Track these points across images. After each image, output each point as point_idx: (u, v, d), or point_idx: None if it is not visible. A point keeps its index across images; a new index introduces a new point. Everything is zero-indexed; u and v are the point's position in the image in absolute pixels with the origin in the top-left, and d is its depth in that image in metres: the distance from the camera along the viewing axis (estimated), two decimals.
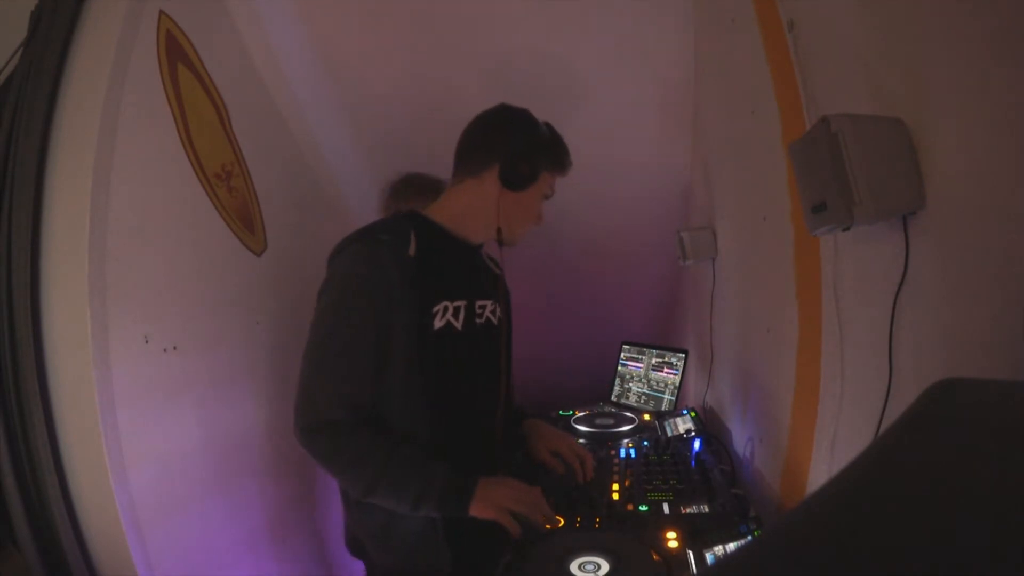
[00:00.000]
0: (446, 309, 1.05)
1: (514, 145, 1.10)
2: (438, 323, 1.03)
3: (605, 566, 0.96)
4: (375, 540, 1.06)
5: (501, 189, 1.10)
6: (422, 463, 0.98)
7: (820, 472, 1.02)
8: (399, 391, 1.00)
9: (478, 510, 0.96)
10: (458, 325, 1.06)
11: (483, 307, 1.14)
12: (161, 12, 1.42)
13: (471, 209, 1.13)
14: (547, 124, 1.16)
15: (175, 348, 1.39)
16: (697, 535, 1.05)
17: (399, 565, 1.04)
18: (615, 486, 1.30)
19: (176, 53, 1.47)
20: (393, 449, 0.98)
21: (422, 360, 1.01)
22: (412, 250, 1.02)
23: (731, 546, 1.00)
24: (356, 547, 1.11)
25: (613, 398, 2.19)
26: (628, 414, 1.86)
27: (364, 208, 2.31)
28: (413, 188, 1.67)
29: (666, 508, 1.19)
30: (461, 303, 1.08)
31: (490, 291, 1.18)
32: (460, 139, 1.15)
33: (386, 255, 1.00)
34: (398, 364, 0.99)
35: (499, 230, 1.13)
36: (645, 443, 1.58)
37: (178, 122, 1.45)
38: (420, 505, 0.95)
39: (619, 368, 2.23)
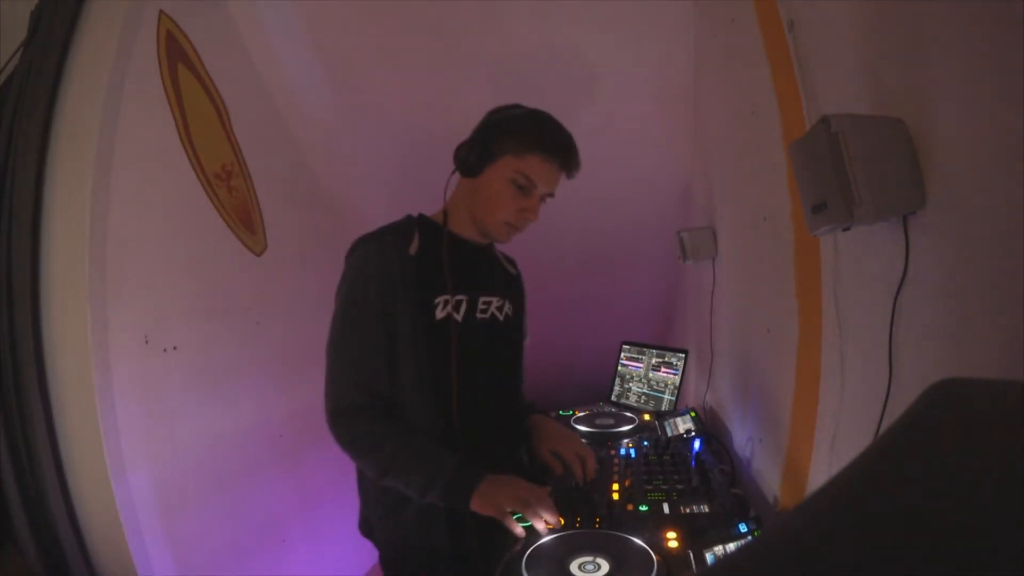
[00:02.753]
0: (446, 302, 1.09)
1: (476, 132, 1.12)
2: (439, 314, 1.09)
3: (605, 566, 0.96)
4: (381, 520, 1.13)
5: (461, 178, 1.13)
6: (433, 455, 1.03)
7: (820, 472, 1.01)
8: (409, 379, 1.06)
9: (478, 506, 0.99)
10: (459, 317, 1.11)
11: (488, 303, 1.17)
12: (161, 12, 1.42)
13: (454, 206, 1.17)
14: (535, 110, 1.13)
15: (175, 348, 1.39)
16: (697, 535, 1.04)
17: (402, 541, 1.11)
18: (615, 486, 1.30)
19: (176, 53, 1.47)
20: (407, 439, 1.04)
21: (428, 349, 1.07)
22: (414, 249, 1.09)
23: (731, 546, 1.00)
24: (366, 528, 1.18)
25: (613, 398, 2.19)
26: (628, 414, 1.86)
27: (364, 208, 2.31)
28: None
29: (666, 508, 1.18)
30: (462, 297, 1.12)
31: (499, 288, 1.21)
32: None
33: (390, 253, 1.07)
34: (406, 353, 1.06)
35: (446, 214, 1.16)
36: (645, 443, 1.57)
37: (178, 122, 1.46)
38: (427, 494, 1.00)
39: (619, 368, 2.23)
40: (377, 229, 1.15)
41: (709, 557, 0.98)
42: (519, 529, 0.99)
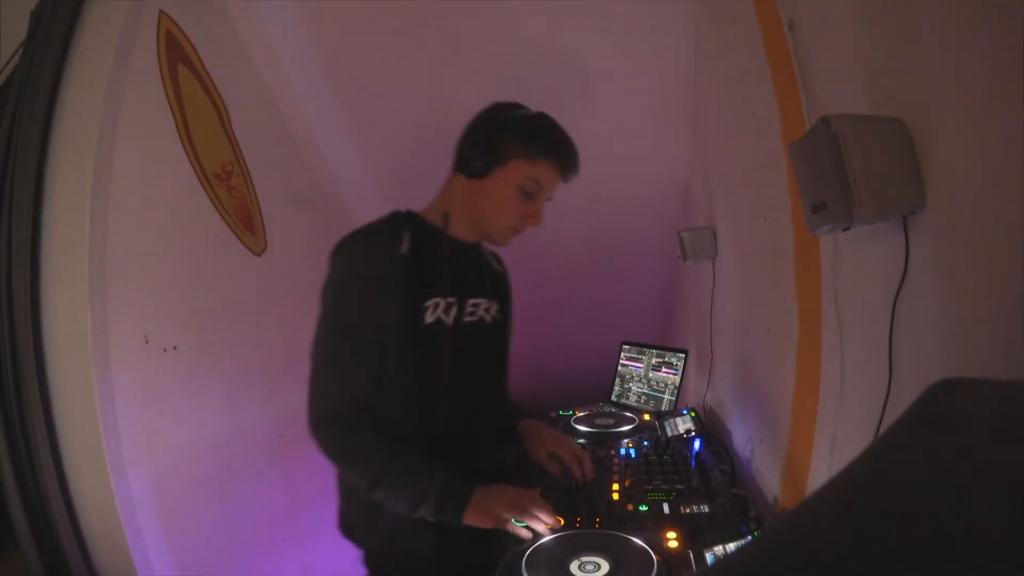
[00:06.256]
0: (437, 305, 1.06)
1: (478, 130, 1.08)
2: (429, 318, 1.05)
3: (605, 566, 0.96)
4: (363, 524, 1.09)
5: (463, 179, 1.08)
6: (422, 470, 1.00)
7: (820, 472, 1.02)
8: (393, 384, 1.02)
9: (473, 519, 0.98)
10: (448, 321, 1.07)
11: (476, 305, 1.14)
12: (161, 12, 1.42)
13: (450, 205, 1.12)
14: (540, 113, 1.10)
15: (175, 348, 1.39)
16: (697, 535, 1.04)
17: (385, 546, 1.08)
18: (615, 486, 1.30)
19: (176, 53, 1.47)
20: (395, 453, 1.00)
21: (415, 355, 1.03)
22: (405, 249, 1.04)
23: (731, 546, 1.00)
24: (348, 530, 1.14)
25: (613, 398, 2.19)
26: (628, 414, 1.86)
27: (364, 208, 2.31)
28: None
29: (666, 508, 1.19)
30: (452, 300, 1.08)
31: (486, 290, 1.18)
32: None
33: (380, 254, 1.02)
34: (392, 358, 1.02)
35: (445, 215, 1.10)
36: (645, 443, 1.57)
37: (178, 122, 1.46)
38: (417, 510, 0.98)
39: (619, 368, 2.23)
40: (364, 227, 1.10)
41: (709, 557, 0.98)
42: (523, 531, 0.98)
